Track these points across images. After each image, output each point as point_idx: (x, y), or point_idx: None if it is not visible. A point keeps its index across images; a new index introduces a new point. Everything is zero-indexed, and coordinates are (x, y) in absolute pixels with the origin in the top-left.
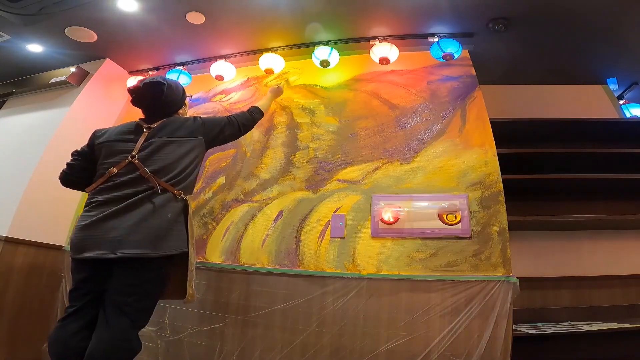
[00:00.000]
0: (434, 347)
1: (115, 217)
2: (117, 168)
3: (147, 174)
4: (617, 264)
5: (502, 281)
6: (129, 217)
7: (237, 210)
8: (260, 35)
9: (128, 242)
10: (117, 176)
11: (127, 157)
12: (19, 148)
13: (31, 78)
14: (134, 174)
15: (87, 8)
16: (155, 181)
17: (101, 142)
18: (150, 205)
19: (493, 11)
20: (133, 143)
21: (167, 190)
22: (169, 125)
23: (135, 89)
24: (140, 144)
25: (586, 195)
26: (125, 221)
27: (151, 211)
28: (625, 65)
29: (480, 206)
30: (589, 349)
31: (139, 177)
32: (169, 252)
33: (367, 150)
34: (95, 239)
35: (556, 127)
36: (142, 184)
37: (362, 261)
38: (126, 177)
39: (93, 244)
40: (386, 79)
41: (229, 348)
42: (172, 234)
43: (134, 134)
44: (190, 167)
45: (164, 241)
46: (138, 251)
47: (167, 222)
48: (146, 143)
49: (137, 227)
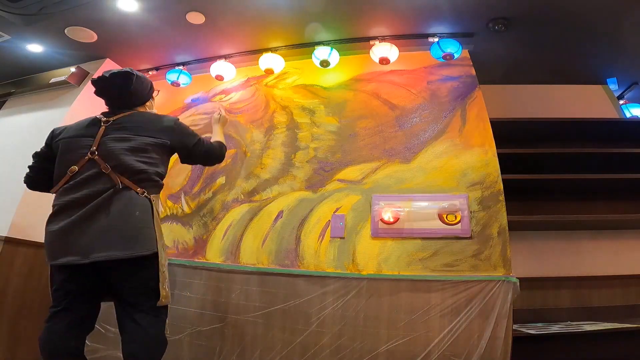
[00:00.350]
0: (434, 347)
1: (84, 221)
2: (78, 166)
3: (107, 169)
4: (617, 264)
5: (502, 281)
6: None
7: (237, 210)
8: (260, 35)
9: (100, 246)
10: (78, 174)
11: (87, 153)
12: (19, 148)
13: (31, 78)
14: (95, 171)
15: (87, 8)
16: (116, 178)
17: (59, 140)
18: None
19: (493, 11)
20: (92, 138)
21: (129, 187)
22: (133, 120)
23: (102, 79)
24: (99, 138)
25: (586, 195)
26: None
27: (118, 211)
28: (625, 65)
29: (480, 206)
30: (589, 349)
31: (100, 174)
32: (141, 252)
33: (367, 150)
34: (66, 244)
35: (556, 127)
36: (104, 181)
37: (362, 261)
38: (87, 174)
39: (65, 249)
40: (386, 79)
41: (229, 348)
42: (141, 234)
43: (92, 129)
44: (154, 166)
45: (135, 242)
46: (109, 254)
47: (135, 222)
48: (105, 138)
49: (108, 230)
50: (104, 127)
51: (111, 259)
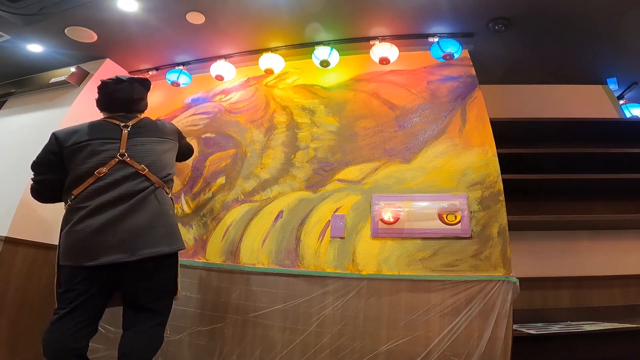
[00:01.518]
0: (434, 347)
1: (124, 219)
2: (106, 168)
3: (144, 170)
4: (617, 264)
5: (502, 281)
6: (138, 217)
7: (237, 210)
8: (260, 35)
9: (145, 243)
10: (107, 176)
11: (115, 155)
12: (19, 148)
13: (31, 78)
14: (127, 172)
15: (87, 8)
16: (154, 177)
17: (73, 144)
18: (154, 202)
19: (493, 11)
20: (115, 141)
21: (161, 187)
22: (149, 125)
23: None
24: (125, 142)
25: (586, 195)
26: (135, 222)
27: (157, 209)
28: (625, 65)
29: (480, 206)
30: (588, 349)
31: (134, 175)
32: (179, 247)
33: (367, 150)
34: (105, 243)
35: (556, 127)
36: (138, 181)
37: (362, 261)
38: (118, 175)
39: (105, 248)
40: (386, 79)
41: (229, 348)
42: (177, 230)
43: (111, 133)
44: (173, 167)
45: (174, 237)
46: (156, 250)
47: (171, 218)
48: (132, 141)
49: (149, 227)
50: (127, 131)
51: (159, 255)
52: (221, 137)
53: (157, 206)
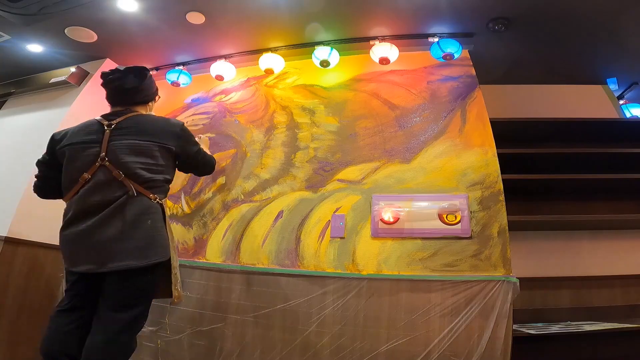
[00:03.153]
0: (434, 347)
1: (99, 229)
2: (89, 173)
3: (120, 176)
4: (617, 264)
5: (502, 281)
6: (112, 228)
7: (237, 210)
8: (260, 35)
9: (116, 255)
10: (90, 182)
11: (96, 159)
12: (19, 148)
13: (31, 78)
14: (105, 178)
15: (87, 8)
16: (130, 185)
17: (62, 146)
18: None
19: (493, 11)
20: (96, 144)
21: (142, 194)
22: (137, 123)
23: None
24: (106, 144)
25: (586, 195)
26: (109, 231)
27: (132, 219)
28: (625, 65)
29: (480, 206)
30: (589, 349)
31: (112, 180)
32: (155, 260)
33: (367, 150)
34: (83, 251)
35: (556, 127)
36: (117, 188)
37: (362, 261)
38: (99, 180)
39: (82, 257)
40: (386, 79)
41: (229, 348)
42: (155, 241)
43: (95, 134)
44: (164, 171)
45: (149, 250)
46: (126, 264)
47: (149, 229)
48: (112, 143)
49: (122, 238)
50: (109, 131)
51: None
52: (221, 137)
53: (131, 216)
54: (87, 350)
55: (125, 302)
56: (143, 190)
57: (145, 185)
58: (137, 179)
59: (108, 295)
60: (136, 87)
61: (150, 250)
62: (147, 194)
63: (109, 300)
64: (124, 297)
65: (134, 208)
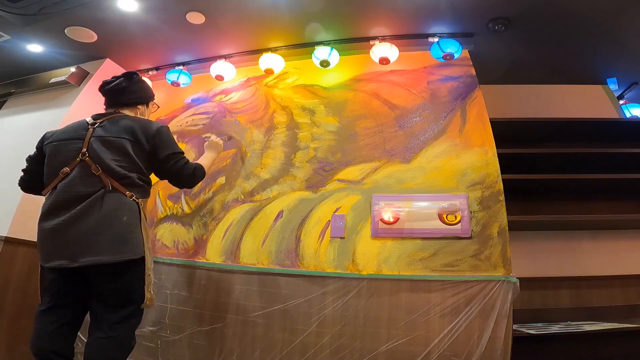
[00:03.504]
0: (434, 347)
1: (73, 222)
2: (69, 167)
3: (98, 171)
4: (617, 264)
5: (502, 281)
6: (86, 222)
7: (237, 210)
8: (260, 35)
9: (88, 250)
10: (69, 175)
11: (78, 155)
12: (19, 148)
13: (31, 78)
14: (84, 173)
15: (87, 8)
16: (107, 180)
17: (48, 143)
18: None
19: (493, 11)
20: (79, 141)
21: (117, 190)
22: (118, 122)
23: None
24: (88, 140)
25: (586, 195)
26: (82, 226)
27: (107, 214)
28: (625, 65)
29: (480, 206)
30: (589, 349)
31: (90, 175)
32: (128, 257)
33: (367, 150)
34: (56, 246)
35: (556, 127)
36: (94, 183)
37: (362, 261)
38: (77, 176)
39: (55, 251)
40: (386, 79)
41: (229, 348)
42: (129, 238)
43: (81, 131)
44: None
45: (122, 246)
46: (98, 258)
47: (123, 225)
48: (94, 139)
49: (95, 233)
50: (92, 129)
51: (98, 264)
52: (221, 137)
53: (106, 211)
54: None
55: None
56: (119, 186)
57: (122, 182)
58: (114, 175)
59: (95, 291)
60: (123, 89)
61: (123, 246)
62: (123, 191)
63: (98, 297)
64: (111, 293)
65: (109, 203)
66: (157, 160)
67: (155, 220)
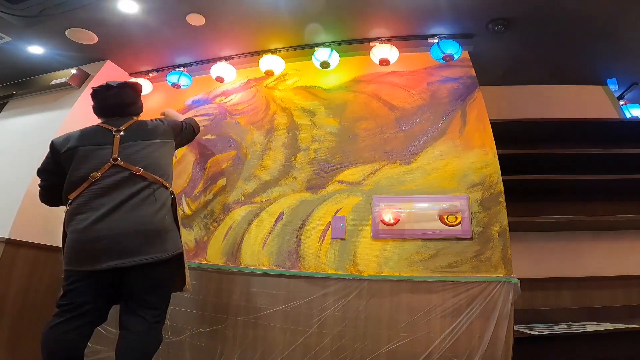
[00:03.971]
0: (435, 348)
1: (120, 224)
2: (100, 172)
3: (139, 171)
4: (618, 265)
5: (503, 282)
6: (132, 222)
7: (237, 212)
8: (260, 36)
9: (137, 250)
10: (101, 180)
11: (108, 160)
12: (20, 150)
13: (32, 80)
14: (122, 176)
15: (87, 10)
16: (151, 176)
17: (67, 150)
18: (153, 204)
19: (493, 12)
20: (108, 146)
21: (161, 184)
22: (141, 128)
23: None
24: (118, 146)
25: (586, 196)
26: (130, 227)
27: (152, 213)
28: (625, 65)
29: (481, 207)
30: (590, 349)
31: (130, 177)
32: (173, 252)
33: (368, 151)
34: (106, 248)
35: (556, 127)
36: (135, 183)
37: (363, 262)
38: (113, 179)
39: (105, 253)
40: (386, 80)
41: (230, 349)
42: (171, 234)
43: (104, 138)
44: (170, 165)
45: (167, 243)
46: (149, 257)
47: (166, 224)
48: (124, 145)
49: (142, 233)
50: (119, 136)
51: (153, 261)
52: (222, 138)
53: (151, 210)
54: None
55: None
56: (162, 181)
57: (163, 178)
58: (155, 171)
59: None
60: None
61: (168, 243)
62: (165, 184)
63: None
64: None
65: (157, 198)
66: (181, 132)
67: None
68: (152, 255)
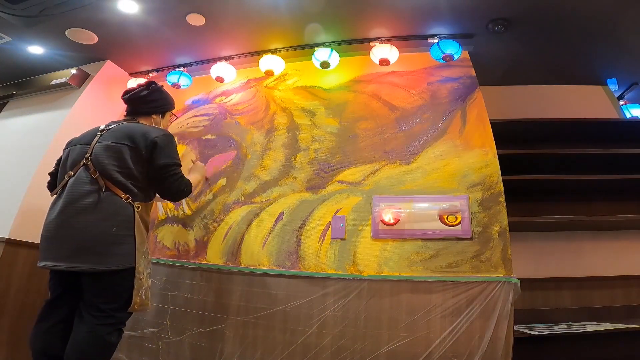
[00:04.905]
0: (435, 348)
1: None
2: (73, 171)
3: (96, 174)
4: (618, 265)
5: (503, 282)
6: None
7: (237, 212)
8: (260, 36)
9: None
10: (70, 179)
11: (82, 159)
12: (20, 150)
13: (32, 80)
14: (85, 175)
15: (87, 10)
16: (102, 182)
17: (66, 147)
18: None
19: (493, 12)
20: (89, 145)
21: (113, 192)
22: (124, 128)
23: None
24: (93, 145)
25: (586, 196)
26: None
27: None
28: (625, 65)
29: (481, 207)
30: (590, 349)
31: (87, 181)
32: (112, 267)
33: (368, 151)
34: (50, 247)
35: (556, 127)
36: (90, 184)
37: (363, 262)
38: (78, 178)
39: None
40: (386, 80)
41: (230, 349)
42: (116, 248)
43: (92, 137)
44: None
45: (107, 256)
46: (86, 266)
47: (109, 235)
48: (98, 145)
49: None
50: (99, 135)
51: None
52: (222, 138)
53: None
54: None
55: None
56: (116, 189)
57: (118, 185)
58: (110, 178)
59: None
60: (140, 98)
61: (108, 257)
62: (119, 194)
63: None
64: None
65: (103, 207)
66: (154, 168)
67: (157, 222)
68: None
